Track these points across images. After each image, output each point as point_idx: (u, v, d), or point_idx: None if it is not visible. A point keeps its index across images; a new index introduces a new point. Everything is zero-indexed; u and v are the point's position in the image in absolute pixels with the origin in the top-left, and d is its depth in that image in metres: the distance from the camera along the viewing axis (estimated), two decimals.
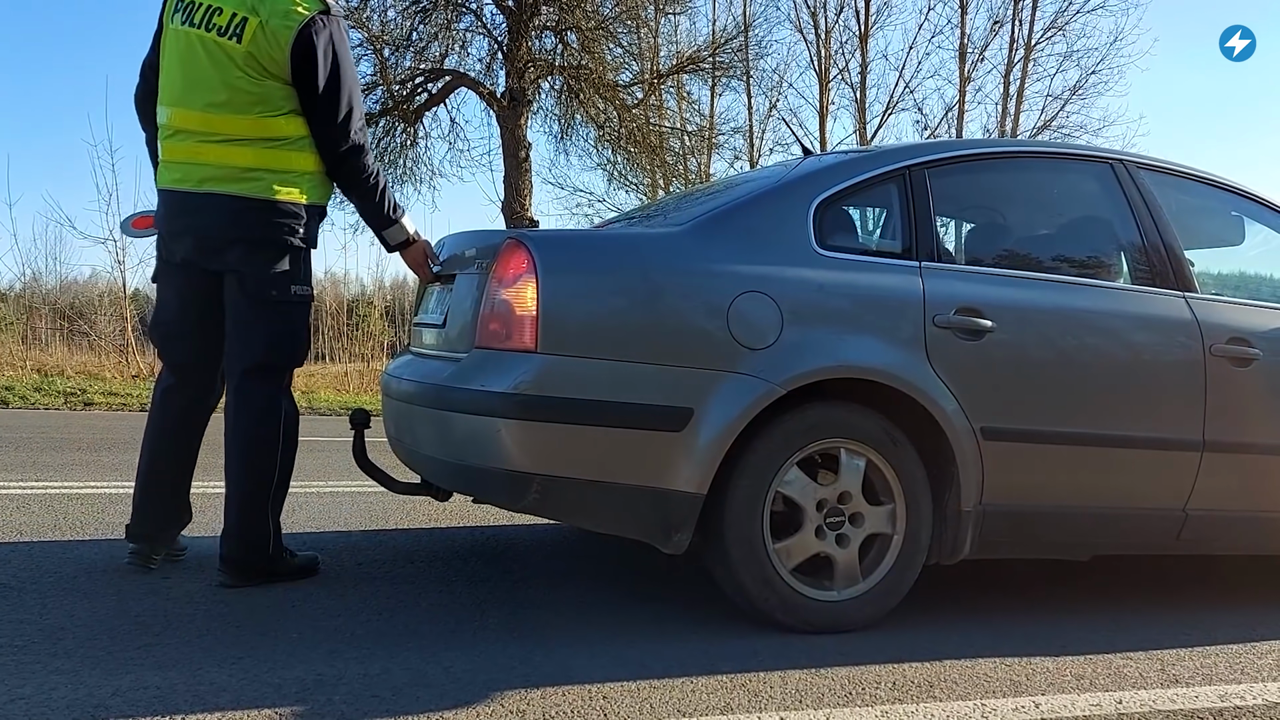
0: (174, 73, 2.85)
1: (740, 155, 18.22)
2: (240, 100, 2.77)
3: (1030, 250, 3.12)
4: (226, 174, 2.79)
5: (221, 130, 2.79)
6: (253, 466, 2.89)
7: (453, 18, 13.39)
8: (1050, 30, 17.76)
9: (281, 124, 2.81)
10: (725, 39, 15.66)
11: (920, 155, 2.94)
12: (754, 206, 2.78)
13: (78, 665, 2.18)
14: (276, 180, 2.81)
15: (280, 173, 2.82)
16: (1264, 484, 3.08)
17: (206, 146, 2.80)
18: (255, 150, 2.79)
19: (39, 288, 15.17)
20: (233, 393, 2.95)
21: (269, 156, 2.80)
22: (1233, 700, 2.29)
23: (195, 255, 2.88)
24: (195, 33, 2.79)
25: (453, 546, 3.61)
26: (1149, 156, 3.32)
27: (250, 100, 2.77)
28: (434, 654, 2.35)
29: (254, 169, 2.79)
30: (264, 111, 2.79)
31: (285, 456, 2.95)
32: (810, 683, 2.26)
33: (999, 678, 2.37)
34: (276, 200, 2.81)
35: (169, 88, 2.87)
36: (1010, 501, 2.77)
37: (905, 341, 2.66)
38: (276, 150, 2.81)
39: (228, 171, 2.79)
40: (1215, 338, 2.98)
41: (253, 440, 2.90)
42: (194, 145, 2.82)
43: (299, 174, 2.86)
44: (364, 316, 14.23)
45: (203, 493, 4.54)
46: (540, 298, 2.45)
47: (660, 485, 2.48)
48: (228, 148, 2.79)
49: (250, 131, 2.78)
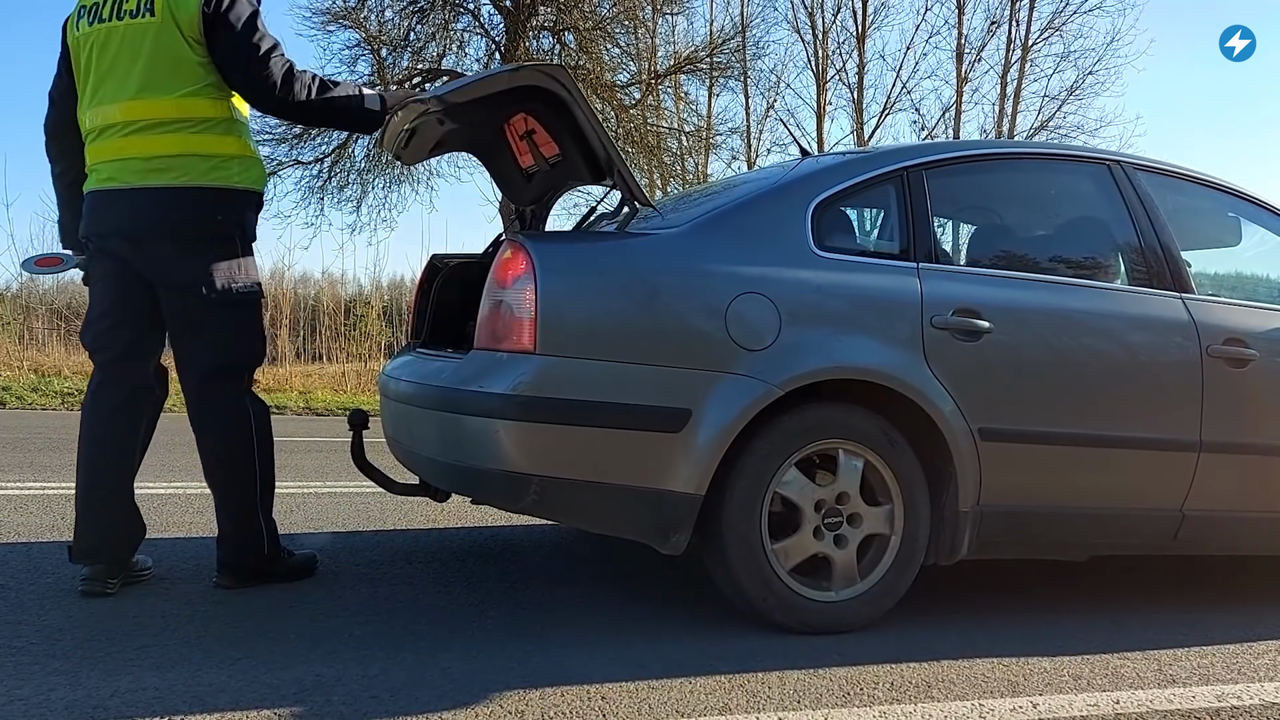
0: (90, 74, 2.76)
1: (738, 155, 18.24)
2: (160, 79, 2.68)
3: (1027, 251, 3.13)
4: (151, 165, 2.69)
5: (143, 115, 2.69)
6: (234, 473, 2.84)
7: (450, 18, 13.41)
8: (1047, 31, 17.81)
9: (204, 105, 2.72)
10: (723, 39, 15.70)
11: (917, 156, 2.95)
12: (752, 207, 2.78)
13: (76, 666, 2.18)
14: (204, 165, 2.72)
15: (206, 157, 2.72)
16: (1261, 484, 3.09)
17: (129, 139, 2.71)
18: (179, 136, 2.70)
19: (36, 288, 15.14)
20: (195, 402, 2.86)
21: (194, 142, 2.71)
22: (1229, 700, 2.29)
23: (128, 255, 2.75)
24: (106, 26, 2.72)
25: (451, 547, 3.61)
26: (1146, 158, 3.33)
27: (170, 75, 2.68)
28: (432, 655, 2.36)
29: (179, 155, 2.70)
30: (185, 91, 2.69)
31: (263, 456, 2.89)
32: (808, 683, 2.27)
33: (996, 678, 2.38)
34: (205, 186, 2.71)
35: (87, 92, 2.78)
36: (1008, 502, 2.78)
37: (903, 342, 2.66)
38: (201, 135, 2.72)
39: (152, 162, 2.69)
40: (1212, 339, 2.99)
41: (228, 448, 2.84)
42: (117, 140, 2.72)
43: (226, 158, 2.76)
44: (361, 317, 14.21)
45: (182, 494, 4.55)
46: (539, 299, 2.45)
47: (658, 486, 2.48)
48: (150, 136, 2.69)
49: (172, 113, 2.69)
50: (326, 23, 13.17)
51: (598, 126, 2.71)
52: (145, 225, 2.72)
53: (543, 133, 3.01)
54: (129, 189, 2.71)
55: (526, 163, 3.25)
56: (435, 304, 3.43)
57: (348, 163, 14.15)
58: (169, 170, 2.70)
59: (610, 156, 2.74)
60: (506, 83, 2.69)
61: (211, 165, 2.73)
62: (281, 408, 9.93)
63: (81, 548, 2.76)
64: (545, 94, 2.67)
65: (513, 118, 3.08)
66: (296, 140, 13.79)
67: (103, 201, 2.76)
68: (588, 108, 2.68)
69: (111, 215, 2.75)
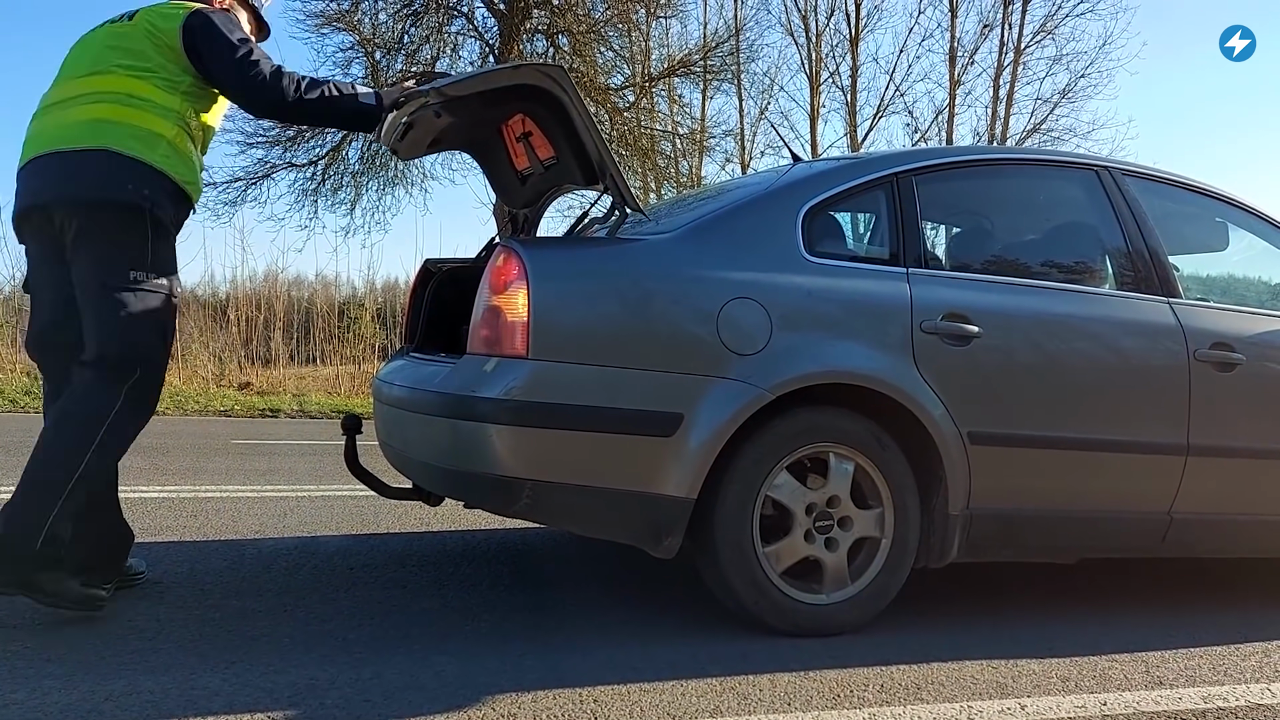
0: (62, 68, 2.74)
1: (731, 158, 18.29)
2: (113, 60, 2.63)
3: (1016, 256, 3.15)
4: (73, 131, 2.56)
5: (86, 89, 2.61)
6: (53, 451, 2.52)
7: (444, 21, 13.42)
8: (1039, 34, 17.87)
9: (149, 89, 2.62)
10: (716, 42, 15.73)
11: (908, 162, 2.97)
12: (743, 213, 2.80)
13: (71, 670, 2.18)
14: (126, 134, 2.56)
15: (134, 128, 2.58)
16: (1248, 487, 3.12)
17: (65, 110, 2.61)
18: (112, 106, 2.58)
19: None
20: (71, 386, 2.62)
21: (127, 113, 2.58)
22: (1216, 701, 2.32)
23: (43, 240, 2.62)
24: (91, 33, 2.76)
25: (444, 551, 3.62)
26: (1134, 163, 3.36)
27: (124, 58, 2.63)
28: (426, 658, 2.37)
29: (105, 121, 2.56)
30: (134, 72, 2.62)
31: (97, 457, 2.54)
32: (799, 685, 2.29)
33: (985, 680, 2.40)
34: (122, 154, 2.54)
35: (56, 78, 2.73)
36: (997, 505, 2.80)
37: (893, 347, 2.68)
38: (137, 110, 2.59)
39: (76, 129, 2.56)
40: (1199, 343, 3.02)
41: (63, 424, 2.55)
42: (53, 113, 2.63)
43: (155, 136, 2.60)
44: (355, 319, 14.20)
45: (175, 498, 4.55)
46: (531, 304, 2.47)
47: (651, 490, 2.50)
48: (84, 106, 2.59)
49: (115, 86, 2.60)
50: (320, 25, 13.18)
51: (593, 129, 2.72)
52: (57, 192, 2.56)
53: (539, 135, 3.02)
54: (49, 155, 2.58)
55: (522, 165, 3.26)
56: (429, 308, 3.44)
57: (341, 165, 14.16)
58: (91, 135, 2.55)
59: (604, 160, 2.75)
60: (507, 79, 2.71)
61: (136, 136, 2.57)
62: (275, 410, 9.94)
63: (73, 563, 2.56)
64: (543, 94, 2.69)
65: (510, 118, 3.10)
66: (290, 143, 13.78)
67: (22, 175, 2.64)
68: (584, 110, 2.70)
69: (34, 188, 2.61)
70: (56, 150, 2.57)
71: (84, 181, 2.54)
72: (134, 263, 2.57)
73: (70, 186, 2.55)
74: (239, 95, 2.75)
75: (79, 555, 2.61)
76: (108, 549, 2.77)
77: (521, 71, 2.67)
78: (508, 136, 3.20)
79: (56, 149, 2.57)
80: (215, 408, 10.18)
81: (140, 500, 4.42)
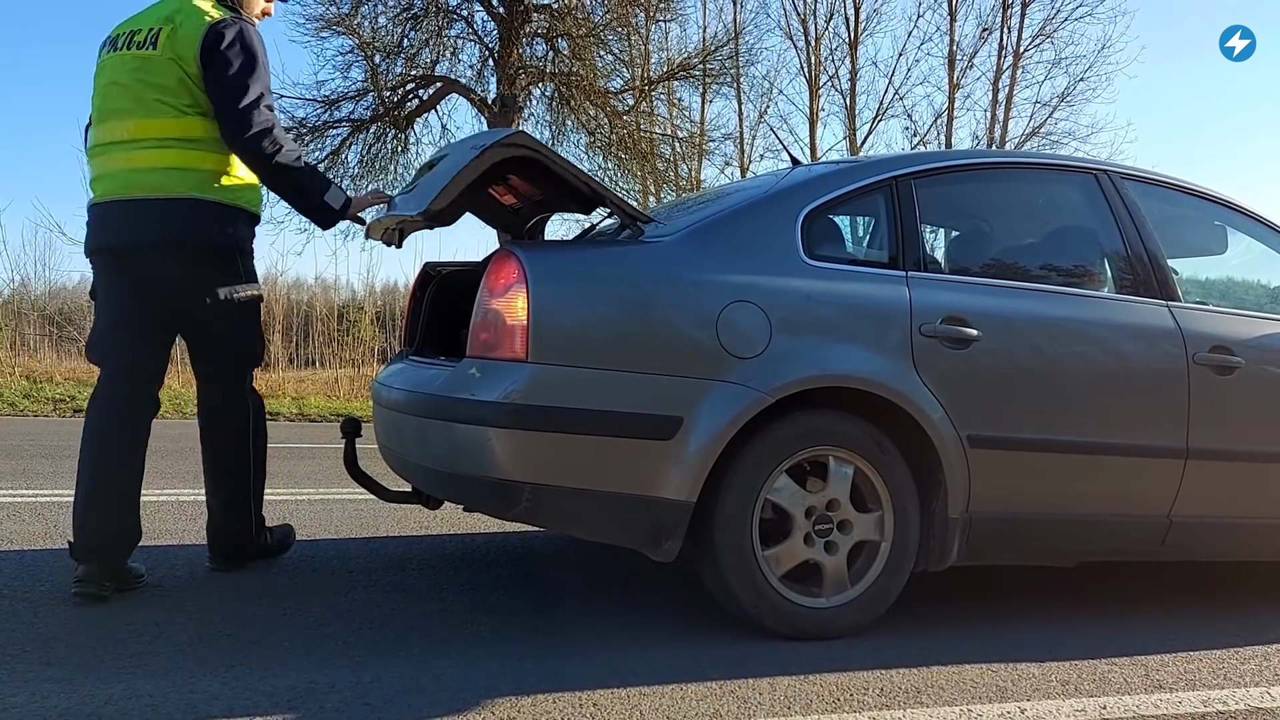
0: (99, 96, 2.94)
1: (731, 161, 18.31)
2: (159, 102, 2.83)
3: (1016, 260, 3.15)
4: (152, 179, 2.83)
5: (144, 134, 2.84)
6: (232, 464, 3.07)
7: (443, 24, 13.41)
8: (1038, 38, 17.90)
9: (200, 126, 2.86)
10: (716, 46, 15.71)
11: (907, 166, 2.98)
12: (743, 216, 2.81)
13: (70, 673, 2.18)
14: (199, 180, 2.85)
15: (204, 173, 2.86)
16: (1247, 491, 3.12)
17: (131, 154, 2.85)
18: (177, 152, 2.84)
19: (28, 293, 15.10)
20: (202, 398, 3.11)
21: (192, 158, 2.85)
22: (1215, 705, 2.32)
23: (132, 266, 2.86)
24: (118, 55, 2.90)
25: (444, 554, 3.62)
26: (1133, 167, 3.37)
27: (169, 98, 2.83)
28: (426, 661, 2.37)
29: (178, 169, 2.84)
30: (183, 113, 2.84)
31: (258, 449, 3.12)
32: (799, 689, 2.29)
33: (985, 683, 2.40)
34: (202, 199, 2.85)
35: (95, 111, 2.95)
36: (997, 508, 2.80)
37: (892, 350, 2.69)
38: (199, 151, 2.86)
39: (153, 175, 2.83)
40: (1198, 346, 3.02)
41: (228, 441, 3.08)
42: (119, 155, 2.86)
43: (220, 173, 2.89)
44: (354, 322, 14.20)
45: (175, 500, 4.55)
46: (530, 307, 2.47)
47: (650, 493, 2.50)
48: (152, 151, 2.83)
49: (171, 131, 2.83)
50: (320, 29, 13.16)
51: (576, 172, 2.73)
52: (149, 236, 2.84)
53: (520, 180, 3.04)
54: (131, 200, 2.84)
55: (509, 202, 3.28)
56: (428, 312, 3.44)
57: (341, 169, 14.14)
58: (169, 184, 2.83)
59: (598, 192, 2.75)
60: (475, 172, 2.67)
61: (207, 179, 2.87)
62: (274, 413, 9.92)
63: (82, 544, 2.78)
64: (517, 160, 2.69)
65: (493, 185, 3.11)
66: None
67: (105, 214, 2.90)
68: (560, 160, 2.70)
69: (116, 227, 2.88)
70: (136, 197, 2.84)
71: (173, 227, 2.84)
72: (232, 285, 2.96)
73: (160, 232, 2.83)
74: (225, 128, 2.86)
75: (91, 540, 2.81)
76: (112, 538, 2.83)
77: (487, 155, 2.64)
78: (494, 192, 3.23)
79: (136, 195, 2.84)
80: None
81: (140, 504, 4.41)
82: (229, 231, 2.92)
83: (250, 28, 2.91)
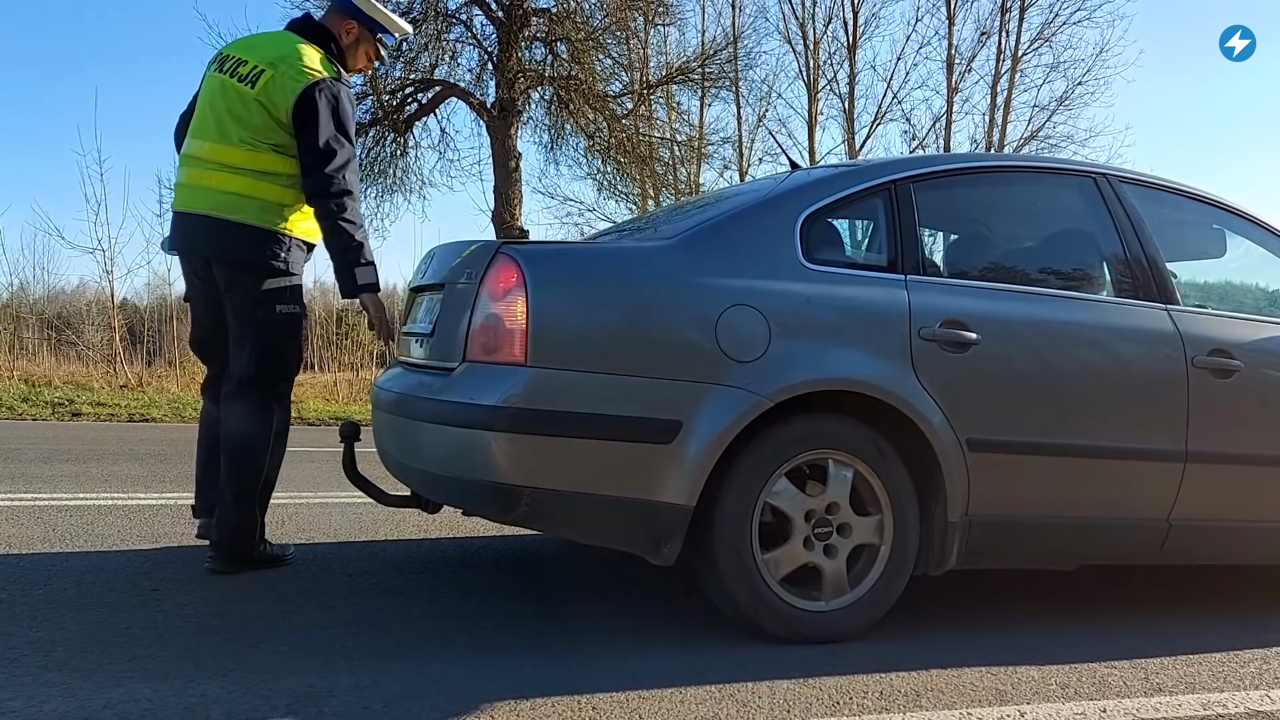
0: (200, 110, 3.26)
1: (729, 165, 18.33)
2: (241, 133, 3.12)
3: (1014, 263, 3.16)
4: (219, 200, 3.12)
5: (222, 159, 3.14)
6: (243, 468, 3.17)
7: (443, 28, 13.42)
8: (1037, 42, 17.93)
9: (271, 160, 3.13)
10: (714, 50, 15.74)
11: (905, 169, 2.98)
12: (742, 220, 2.81)
13: (68, 678, 2.18)
14: (260, 208, 3.13)
15: (265, 202, 3.13)
16: (1246, 494, 3.12)
17: (208, 172, 3.15)
18: (246, 180, 3.12)
19: (26, 297, 15.10)
20: (229, 399, 3.23)
21: (259, 188, 3.13)
22: (1215, 709, 2.32)
23: (198, 271, 3.24)
24: (221, 77, 3.20)
25: (443, 558, 3.61)
26: (1131, 170, 3.37)
27: (249, 132, 3.12)
28: (425, 665, 2.36)
29: (243, 196, 3.12)
30: (258, 146, 3.12)
31: (273, 459, 3.25)
32: (798, 693, 2.28)
33: (985, 687, 2.39)
34: (259, 226, 3.13)
35: (195, 122, 3.26)
36: (996, 512, 2.80)
37: (891, 354, 2.69)
38: (265, 182, 3.13)
39: (221, 198, 3.12)
40: (1197, 350, 3.02)
41: (242, 446, 3.19)
42: (199, 171, 3.18)
43: (282, 206, 3.16)
44: (353, 326, 14.20)
45: (173, 504, 4.54)
46: (530, 311, 2.47)
47: (649, 497, 2.50)
48: (225, 175, 3.12)
49: (246, 162, 3.12)
50: None
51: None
52: (212, 249, 3.18)
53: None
54: (201, 215, 3.16)
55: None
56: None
57: None
58: (234, 208, 3.12)
59: None
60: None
61: (269, 209, 3.15)
62: None
63: (200, 507, 3.43)
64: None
65: None
66: None
67: (182, 223, 3.24)
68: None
69: (189, 236, 3.23)
70: (207, 214, 3.14)
71: (233, 247, 3.15)
72: (277, 300, 3.19)
73: (221, 248, 3.16)
74: (308, 182, 3.14)
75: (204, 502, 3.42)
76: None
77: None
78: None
79: (206, 213, 3.14)
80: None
81: (138, 507, 4.41)
82: (281, 255, 3.17)
83: (345, 90, 3.21)
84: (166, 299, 14.56)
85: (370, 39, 3.42)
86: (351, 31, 3.36)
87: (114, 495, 4.74)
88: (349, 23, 3.35)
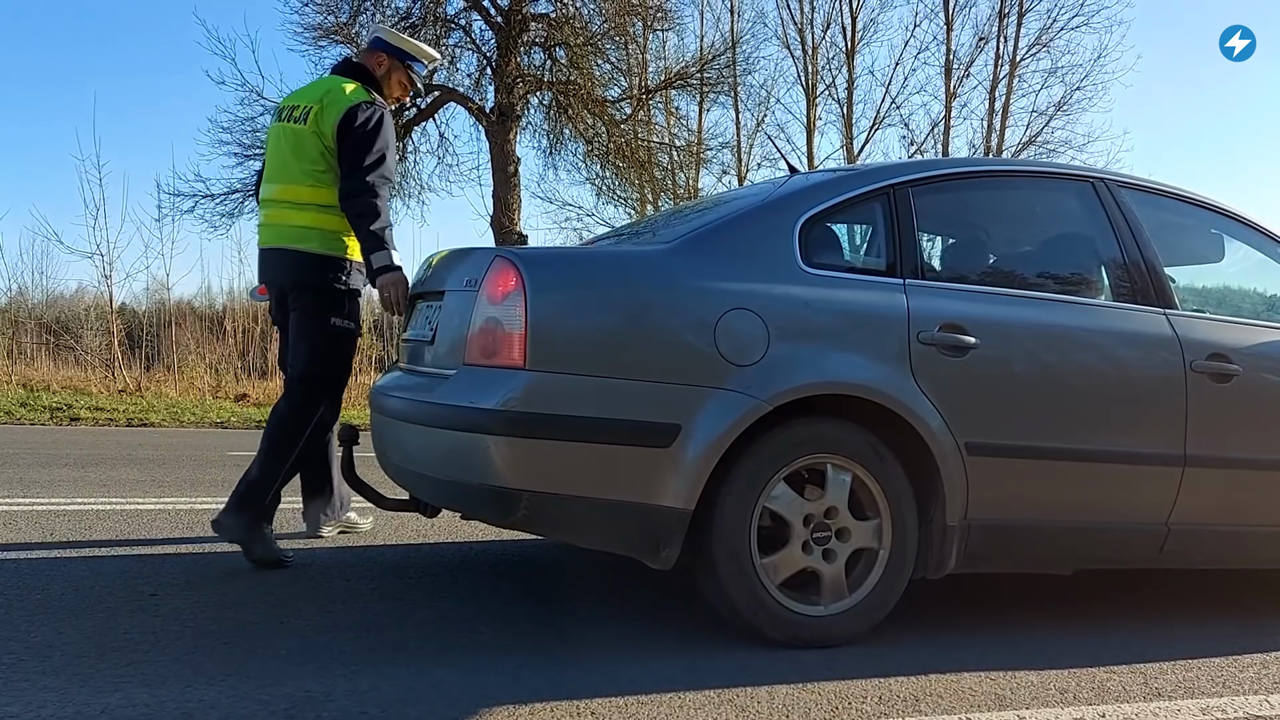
0: (269, 158, 3.67)
1: (728, 170, 18.33)
2: (302, 170, 3.49)
3: (1013, 268, 3.16)
4: (290, 233, 3.53)
5: (290, 198, 3.53)
6: (280, 445, 3.48)
7: (441, 33, 13.43)
8: (1035, 47, 17.93)
9: (329, 193, 3.48)
10: (713, 55, 15.74)
11: (904, 174, 2.98)
12: (741, 224, 2.81)
13: (66, 682, 2.18)
14: (323, 238, 3.51)
15: (329, 233, 3.51)
16: (1244, 498, 3.12)
17: (281, 211, 3.55)
18: (312, 214, 3.50)
19: (25, 302, 15.11)
20: (284, 392, 3.64)
21: (322, 219, 3.51)
22: (1214, 713, 2.31)
23: (278, 297, 3.67)
24: (281, 125, 3.60)
25: (442, 562, 3.61)
26: (1129, 175, 3.37)
27: (310, 167, 3.48)
28: (423, 670, 2.36)
29: (310, 228, 3.50)
30: (319, 181, 3.49)
31: (307, 447, 3.58)
32: (797, 697, 2.28)
33: (984, 691, 2.39)
34: (323, 254, 3.52)
35: (267, 169, 3.67)
36: (995, 516, 2.80)
37: (890, 358, 2.69)
38: (326, 215, 3.50)
39: (292, 232, 3.52)
40: (1195, 354, 3.02)
41: (285, 422, 3.51)
42: (274, 211, 3.57)
43: (341, 234, 3.53)
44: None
45: (171, 509, 4.54)
46: (529, 315, 2.47)
47: (648, 501, 2.50)
48: (293, 211, 3.52)
49: (308, 197, 3.50)
50: (318, 39, 13.18)
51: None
52: (287, 277, 3.58)
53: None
54: (278, 249, 3.56)
55: None
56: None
57: None
58: (302, 240, 3.51)
59: None
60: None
61: (331, 239, 3.53)
62: None
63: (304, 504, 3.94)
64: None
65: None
66: None
67: (264, 259, 3.67)
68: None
69: (270, 269, 3.64)
70: (281, 247, 3.55)
71: (301, 271, 3.54)
72: (334, 313, 3.56)
73: (294, 275, 3.56)
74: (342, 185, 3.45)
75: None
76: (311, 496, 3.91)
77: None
78: None
79: (283, 246, 3.55)
80: (211, 419, 10.17)
81: (136, 511, 4.41)
82: (342, 278, 3.55)
83: (385, 111, 3.53)
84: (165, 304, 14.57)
85: (401, 68, 3.76)
86: (382, 64, 3.72)
87: (112, 500, 4.73)
88: (379, 55, 3.73)
